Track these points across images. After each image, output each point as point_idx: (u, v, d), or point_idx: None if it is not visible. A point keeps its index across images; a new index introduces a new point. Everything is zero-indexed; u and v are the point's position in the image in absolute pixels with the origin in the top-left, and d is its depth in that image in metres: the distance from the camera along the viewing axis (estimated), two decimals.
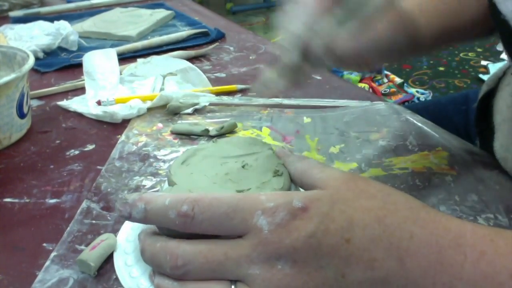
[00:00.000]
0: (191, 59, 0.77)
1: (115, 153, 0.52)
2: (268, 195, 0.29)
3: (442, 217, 0.29)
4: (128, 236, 0.38)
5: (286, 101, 0.63)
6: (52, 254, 0.38)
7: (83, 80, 0.67)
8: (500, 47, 2.63)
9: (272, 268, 0.27)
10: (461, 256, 0.27)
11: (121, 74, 0.70)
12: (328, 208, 0.28)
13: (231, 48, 0.84)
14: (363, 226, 0.28)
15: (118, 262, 0.36)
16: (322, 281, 0.27)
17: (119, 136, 0.56)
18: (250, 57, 0.80)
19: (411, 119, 0.57)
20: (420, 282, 0.27)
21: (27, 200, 0.45)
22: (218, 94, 0.65)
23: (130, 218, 0.31)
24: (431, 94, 2.15)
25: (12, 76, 0.51)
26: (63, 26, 0.83)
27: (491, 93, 0.56)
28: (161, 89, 0.67)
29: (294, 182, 0.34)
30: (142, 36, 0.91)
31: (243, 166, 0.36)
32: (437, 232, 0.28)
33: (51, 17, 0.96)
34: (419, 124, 0.56)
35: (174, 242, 0.29)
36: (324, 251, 0.27)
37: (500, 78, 0.55)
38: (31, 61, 0.56)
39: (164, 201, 0.29)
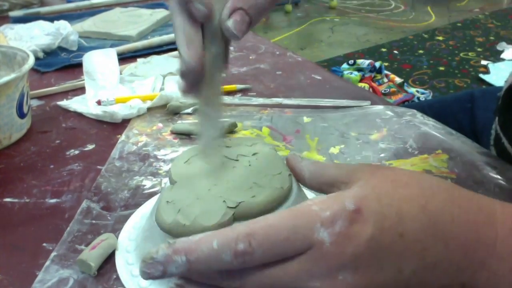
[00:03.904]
0: None
1: (115, 153, 0.52)
2: (318, 203, 0.28)
3: (473, 195, 0.30)
4: (130, 234, 0.38)
5: (286, 101, 0.63)
6: (52, 254, 0.38)
7: (83, 80, 0.67)
8: (500, 47, 2.63)
9: (333, 280, 0.26)
10: (493, 233, 0.28)
11: (121, 74, 0.70)
12: (378, 205, 0.28)
13: (231, 48, 0.84)
14: (411, 217, 0.28)
15: (119, 260, 0.36)
16: (382, 282, 0.27)
17: (119, 136, 0.56)
18: (250, 57, 0.80)
19: (411, 121, 0.57)
20: (461, 263, 0.28)
21: (27, 200, 0.45)
22: None
23: (164, 276, 0.27)
24: (431, 93, 2.14)
25: (12, 76, 0.51)
26: (63, 26, 0.83)
27: None
28: (161, 89, 0.67)
29: (310, 186, 0.34)
30: (142, 36, 0.91)
31: (244, 166, 0.36)
32: (473, 211, 0.29)
33: (51, 17, 0.96)
34: (420, 126, 0.56)
35: (229, 282, 0.28)
36: (383, 251, 0.27)
37: None
38: (31, 61, 0.56)
39: (210, 245, 0.26)
